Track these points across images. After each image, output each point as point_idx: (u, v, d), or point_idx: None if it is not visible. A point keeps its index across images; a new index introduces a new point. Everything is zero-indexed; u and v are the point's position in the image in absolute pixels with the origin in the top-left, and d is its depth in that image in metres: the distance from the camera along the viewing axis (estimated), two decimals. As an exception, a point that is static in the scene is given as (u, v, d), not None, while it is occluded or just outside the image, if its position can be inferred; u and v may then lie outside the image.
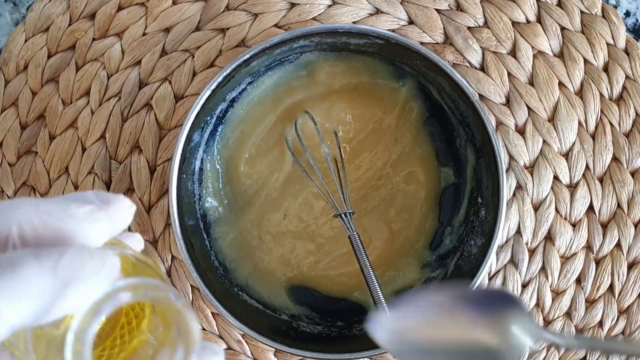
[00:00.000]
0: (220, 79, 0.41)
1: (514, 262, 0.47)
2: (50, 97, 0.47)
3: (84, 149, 0.47)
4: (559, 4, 0.48)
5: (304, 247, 0.47)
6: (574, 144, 0.47)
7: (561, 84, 0.48)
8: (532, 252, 0.47)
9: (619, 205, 0.47)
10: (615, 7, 0.49)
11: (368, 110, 0.47)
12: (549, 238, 0.47)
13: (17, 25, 0.48)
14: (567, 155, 0.47)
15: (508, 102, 0.48)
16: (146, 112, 0.47)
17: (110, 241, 0.20)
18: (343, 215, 0.43)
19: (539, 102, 0.47)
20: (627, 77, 0.47)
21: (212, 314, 0.47)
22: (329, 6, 0.48)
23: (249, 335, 0.41)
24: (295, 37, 0.42)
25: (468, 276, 0.42)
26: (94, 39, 0.48)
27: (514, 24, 0.48)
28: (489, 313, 0.27)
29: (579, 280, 0.48)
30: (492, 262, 0.47)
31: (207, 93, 0.41)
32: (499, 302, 0.27)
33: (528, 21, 0.48)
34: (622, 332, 0.47)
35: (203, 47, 0.47)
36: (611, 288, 0.47)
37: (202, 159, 0.46)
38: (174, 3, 0.48)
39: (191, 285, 0.47)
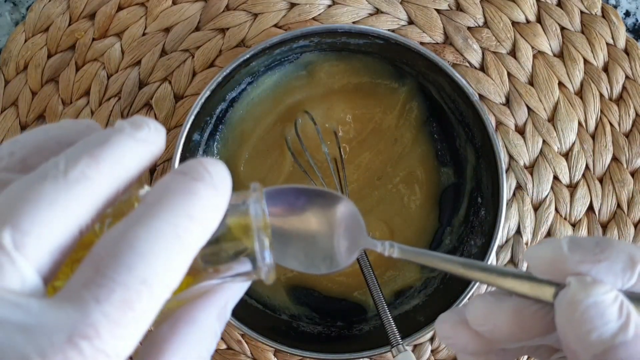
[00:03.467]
0: (220, 79, 0.41)
1: (514, 262, 0.47)
2: (50, 97, 0.47)
3: (83, 149, 0.47)
4: (559, 4, 0.48)
5: (303, 247, 0.47)
6: (573, 144, 0.47)
7: (561, 84, 0.48)
8: (532, 252, 0.47)
9: (618, 205, 0.47)
10: (615, 7, 0.49)
11: (368, 110, 0.47)
12: (549, 238, 0.47)
13: (17, 25, 0.48)
14: (567, 155, 0.47)
15: (508, 102, 0.48)
16: (146, 112, 0.47)
17: None
18: None
19: (538, 102, 0.47)
20: (627, 77, 0.47)
21: (212, 314, 0.47)
22: (329, 6, 0.48)
23: (249, 335, 0.41)
24: (295, 37, 0.42)
25: (468, 276, 0.42)
26: (93, 39, 0.48)
27: (514, 24, 0.48)
28: (326, 212, 0.30)
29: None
30: (492, 262, 0.47)
31: (207, 93, 0.41)
32: (338, 204, 0.30)
33: (528, 21, 0.48)
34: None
35: (203, 47, 0.47)
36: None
37: (202, 159, 0.46)
38: (174, 3, 0.48)
39: (191, 285, 0.47)
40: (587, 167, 0.47)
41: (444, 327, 0.24)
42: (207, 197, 0.18)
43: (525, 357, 0.47)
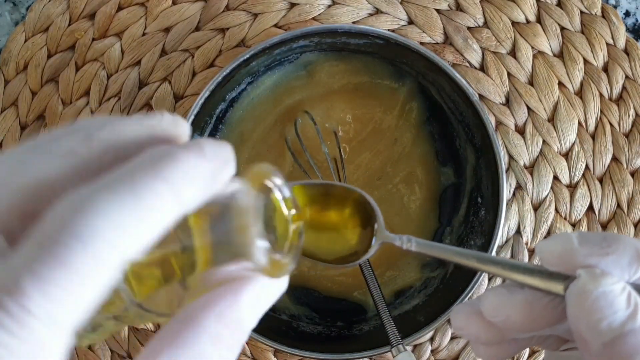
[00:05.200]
0: (220, 79, 0.41)
1: (513, 262, 0.47)
2: (50, 97, 0.47)
3: (83, 149, 0.47)
4: (559, 4, 0.48)
5: (303, 247, 0.47)
6: (573, 144, 0.47)
7: (561, 84, 0.48)
8: (532, 252, 0.47)
9: (618, 205, 0.47)
10: (615, 7, 0.49)
11: (368, 110, 0.47)
12: (549, 238, 0.47)
13: (17, 25, 0.48)
14: (567, 155, 0.48)
15: (508, 102, 0.48)
16: (146, 112, 0.47)
17: None
18: None
19: (538, 102, 0.47)
20: (626, 77, 0.47)
21: (212, 314, 0.47)
22: (329, 6, 0.48)
23: (249, 335, 0.41)
24: (295, 37, 0.42)
25: (468, 276, 0.42)
26: (93, 39, 0.48)
27: (514, 24, 0.48)
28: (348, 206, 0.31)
29: (578, 280, 0.48)
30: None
31: (207, 93, 0.41)
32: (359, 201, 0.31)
33: (528, 21, 0.48)
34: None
35: (203, 47, 0.47)
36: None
37: (202, 159, 0.46)
38: (174, 3, 0.48)
39: (191, 285, 0.47)
40: (587, 167, 0.47)
41: (459, 318, 0.24)
42: (193, 165, 0.16)
43: (526, 351, 0.47)
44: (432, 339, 0.47)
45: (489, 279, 0.47)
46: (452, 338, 0.47)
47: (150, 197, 0.15)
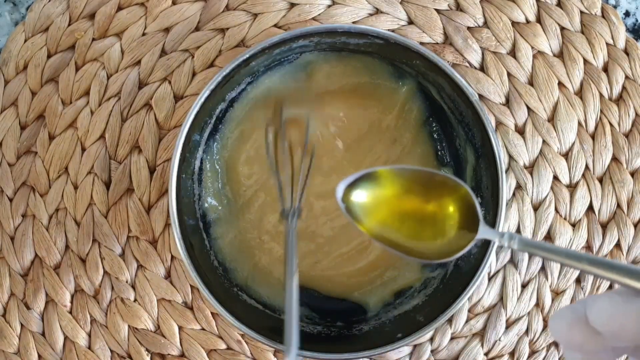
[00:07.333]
0: (219, 79, 0.41)
1: (513, 262, 0.47)
2: (50, 97, 0.47)
3: (83, 149, 0.47)
4: (559, 4, 0.48)
5: (303, 247, 0.47)
6: (573, 144, 0.47)
7: (561, 84, 0.48)
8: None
9: (618, 205, 0.47)
10: (615, 7, 0.49)
11: (367, 110, 0.47)
12: (549, 238, 0.47)
13: (16, 25, 0.48)
14: (566, 155, 0.48)
15: (508, 102, 0.48)
16: (146, 112, 0.47)
17: None
18: (286, 210, 0.42)
19: (538, 102, 0.47)
20: (626, 77, 0.47)
21: (212, 314, 0.47)
22: (329, 6, 0.48)
23: (249, 335, 0.41)
24: (295, 37, 0.41)
25: (468, 276, 0.42)
26: (93, 39, 0.48)
27: (514, 24, 0.48)
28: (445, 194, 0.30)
29: (578, 281, 0.48)
30: (491, 262, 0.47)
31: (207, 93, 0.41)
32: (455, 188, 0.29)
33: (528, 21, 0.48)
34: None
35: (203, 47, 0.47)
36: (611, 288, 0.47)
37: (201, 159, 0.46)
38: (174, 3, 0.48)
39: (191, 286, 0.47)
40: (586, 167, 0.47)
41: (561, 326, 0.22)
42: None
43: (526, 351, 0.47)
44: (432, 339, 0.47)
45: (489, 279, 0.47)
46: (452, 338, 0.47)
47: None
